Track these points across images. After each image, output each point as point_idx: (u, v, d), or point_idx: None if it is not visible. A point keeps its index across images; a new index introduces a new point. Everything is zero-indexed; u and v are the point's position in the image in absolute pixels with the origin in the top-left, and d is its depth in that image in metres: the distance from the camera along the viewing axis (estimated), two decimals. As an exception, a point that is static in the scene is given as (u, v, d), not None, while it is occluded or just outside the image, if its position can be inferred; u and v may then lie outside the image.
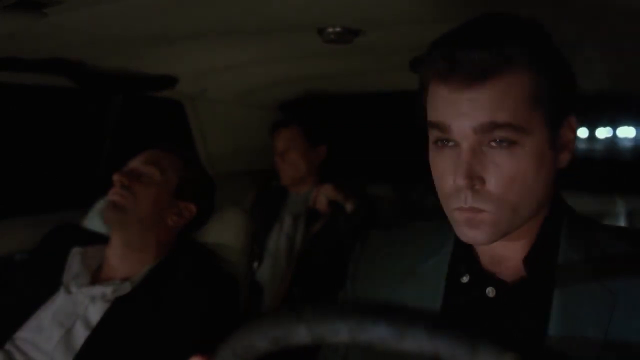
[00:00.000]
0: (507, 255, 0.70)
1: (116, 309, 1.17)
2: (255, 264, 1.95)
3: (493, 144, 0.62)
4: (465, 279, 0.72)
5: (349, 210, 1.82)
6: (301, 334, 0.36)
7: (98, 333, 1.15)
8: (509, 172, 0.62)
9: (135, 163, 1.31)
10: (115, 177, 1.26)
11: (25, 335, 1.17)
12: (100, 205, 1.58)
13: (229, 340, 0.40)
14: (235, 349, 0.39)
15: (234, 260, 1.43)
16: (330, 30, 1.18)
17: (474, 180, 0.63)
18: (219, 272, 1.31)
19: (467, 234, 0.66)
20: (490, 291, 0.69)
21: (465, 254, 0.73)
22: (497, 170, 0.62)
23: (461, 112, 0.63)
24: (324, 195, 1.89)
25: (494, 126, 0.61)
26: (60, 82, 1.47)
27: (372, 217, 1.81)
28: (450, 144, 0.65)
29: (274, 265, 1.95)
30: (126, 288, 1.20)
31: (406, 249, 0.80)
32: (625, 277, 0.64)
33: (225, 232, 1.47)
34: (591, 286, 0.64)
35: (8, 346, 1.17)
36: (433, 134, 0.67)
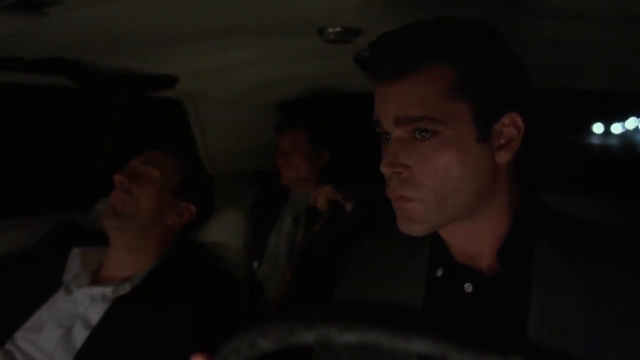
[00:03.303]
0: (478, 250, 0.72)
1: (116, 309, 1.17)
2: (255, 264, 1.95)
3: (418, 135, 0.67)
4: (439, 273, 0.73)
5: (348, 210, 1.82)
6: (308, 334, 0.36)
7: (98, 333, 1.15)
8: (432, 161, 0.66)
9: (136, 163, 1.31)
10: (116, 178, 1.26)
11: (25, 334, 1.17)
12: (100, 205, 1.57)
13: (232, 339, 0.40)
14: (238, 348, 0.39)
15: (234, 260, 1.43)
16: (330, 30, 1.18)
17: (397, 167, 0.68)
18: (218, 272, 1.31)
19: (402, 225, 0.70)
20: (468, 286, 0.70)
21: (439, 249, 0.75)
22: (421, 159, 0.67)
23: (385, 107, 0.69)
24: (324, 196, 1.89)
25: (410, 119, 0.66)
26: (60, 82, 1.47)
27: (372, 217, 1.81)
28: (388, 136, 0.69)
29: (274, 265, 1.95)
30: (126, 288, 1.20)
31: (391, 249, 0.81)
32: (605, 267, 0.64)
33: (225, 232, 1.47)
34: (570, 278, 0.65)
35: (8, 346, 1.17)
36: (377, 129, 0.72)
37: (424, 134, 0.66)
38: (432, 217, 0.68)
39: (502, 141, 0.68)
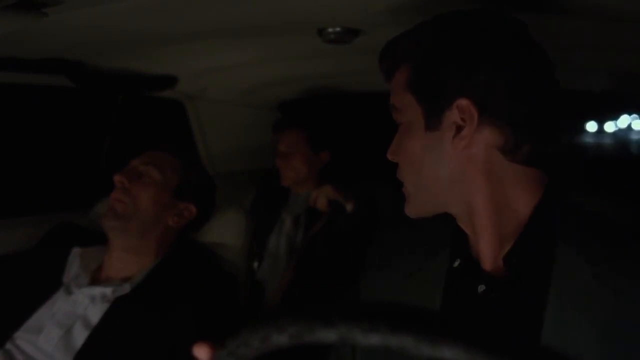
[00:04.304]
0: (482, 248, 0.70)
1: (116, 309, 1.17)
2: (256, 264, 1.95)
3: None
4: (456, 263, 0.73)
5: (349, 210, 1.82)
6: (328, 333, 0.35)
7: (98, 333, 1.15)
8: (399, 147, 0.75)
9: (136, 163, 1.31)
10: (116, 178, 1.26)
11: (25, 335, 1.17)
12: (100, 206, 1.57)
13: (242, 332, 0.39)
14: (249, 342, 0.38)
15: (234, 260, 1.43)
16: (330, 30, 1.18)
17: (391, 154, 0.77)
18: (219, 272, 1.31)
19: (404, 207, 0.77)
20: (480, 287, 0.68)
21: (460, 241, 0.75)
22: (396, 145, 0.76)
23: None
24: (324, 196, 1.88)
25: (390, 107, 0.76)
26: (60, 82, 1.47)
27: (373, 217, 1.81)
28: None
29: (274, 265, 1.95)
30: (126, 288, 1.20)
31: (415, 246, 0.81)
32: (631, 276, 0.60)
33: (225, 232, 1.47)
34: (593, 294, 0.61)
35: (8, 346, 1.17)
36: None
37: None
38: (416, 200, 0.74)
39: (454, 129, 0.68)
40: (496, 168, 0.69)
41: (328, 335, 0.35)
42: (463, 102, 0.67)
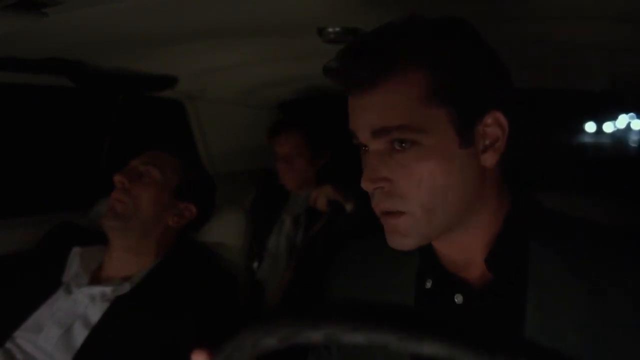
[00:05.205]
0: (469, 258, 0.69)
1: (116, 309, 1.17)
2: (255, 264, 1.95)
3: (397, 146, 0.63)
4: (428, 284, 0.71)
5: (349, 210, 1.82)
6: (315, 334, 0.35)
7: (97, 332, 1.15)
8: (414, 173, 0.63)
9: (136, 163, 1.31)
10: (117, 178, 1.26)
11: (25, 334, 1.18)
12: (100, 206, 1.58)
13: (235, 337, 0.40)
14: (242, 346, 0.39)
15: (234, 260, 1.43)
16: (330, 30, 1.18)
17: (378, 182, 0.64)
18: (219, 272, 1.31)
19: (391, 240, 0.67)
20: (458, 298, 0.67)
21: (429, 258, 0.72)
22: (402, 171, 0.63)
23: (360, 119, 0.65)
24: (324, 196, 1.88)
25: (387, 130, 0.63)
26: (60, 82, 1.47)
27: (372, 217, 1.81)
28: (367, 148, 0.66)
29: (274, 265, 1.95)
30: (126, 288, 1.20)
31: (380, 258, 0.78)
32: (607, 276, 0.61)
33: (225, 232, 1.47)
34: (569, 283, 0.61)
35: (8, 345, 1.17)
36: (353, 141, 0.68)
37: (403, 144, 0.63)
38: (421, 230, 0.65)
39: (486, 143, 0.65)
40: (500, 176, 0.68)
41: (315, 335, 0.36)
42: (497, 113, 0.64)
